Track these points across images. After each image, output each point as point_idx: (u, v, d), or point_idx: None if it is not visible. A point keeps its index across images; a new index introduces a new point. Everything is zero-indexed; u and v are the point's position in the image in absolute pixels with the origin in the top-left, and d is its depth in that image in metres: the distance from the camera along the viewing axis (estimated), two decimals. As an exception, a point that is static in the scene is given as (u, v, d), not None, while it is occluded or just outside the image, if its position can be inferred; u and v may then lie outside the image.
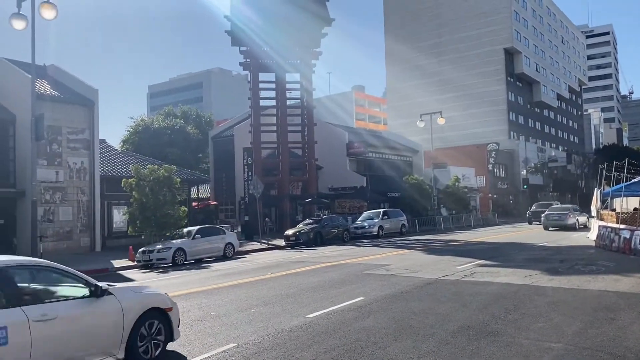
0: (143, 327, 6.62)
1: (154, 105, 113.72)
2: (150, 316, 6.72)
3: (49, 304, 5.69)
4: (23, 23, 17.89)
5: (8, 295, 5.39)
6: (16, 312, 5.30)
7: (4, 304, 5.30)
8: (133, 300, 6.62)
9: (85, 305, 6.05)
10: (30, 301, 5.57)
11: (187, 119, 60.59)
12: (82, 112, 27.46)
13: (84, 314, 5.98)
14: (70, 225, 26.66)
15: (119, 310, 6.34)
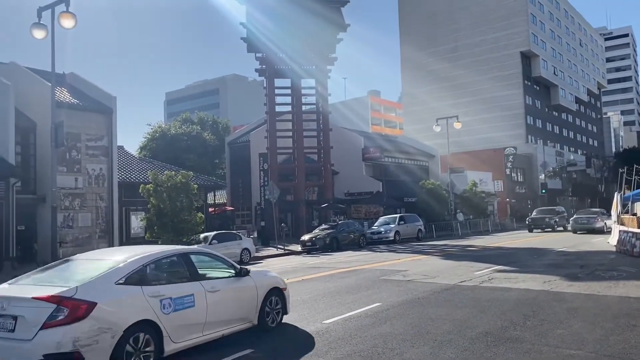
0: (268, 301, 8.51)
1: (171, 112, 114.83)
2: (273, 293, 8.66)
3: (214, 280, 7.69)
4: (43, 32, 18.24)
5: (191, 273, 7.41)
6: (197, 284, 7.30)
7: (189, 278, 7.33)
8: (263, 280, 8.63)
9: (234, 282, 8.00)
10: (203, 277, 7.55)
11: (204, 125, 61.08)
12: (100, 119, 27.85)
13: (234, 289, 7.94)
14: (89, 231, 27.00)
15: (254, 287, 8.28)
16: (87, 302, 5.90)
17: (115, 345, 5.99)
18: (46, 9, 18.39)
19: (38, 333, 5.69)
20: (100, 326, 5.90)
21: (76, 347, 5.68)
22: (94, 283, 6.27)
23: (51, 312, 5.75)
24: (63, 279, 6.60)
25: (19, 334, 5.80)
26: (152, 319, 6.45)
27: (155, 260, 7.17)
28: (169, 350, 6.67)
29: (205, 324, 7.21)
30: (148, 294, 6.55)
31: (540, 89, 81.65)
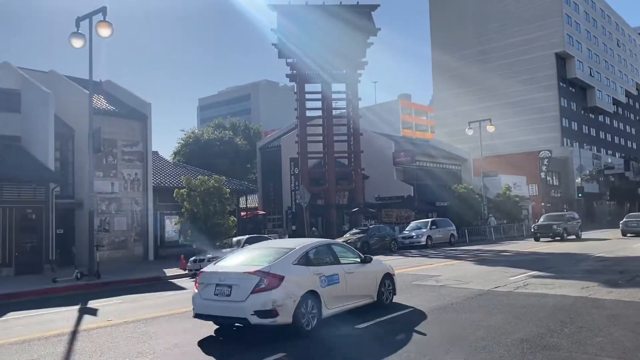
0: (383, 283, 10.76)
1: (204, 118, 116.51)
2: (386, 277, 10.91)
3: (348, 265, 9.98)
4: (81, 41, 18.83)
5: (335, 258, 9.81)
6: (339, 267, 9.65)
7: (333, 262, 9.69)
8: (379, 267, 10.97)
9: (361, 267, 10.29)
10: (341, 262, 9.84)
11: (236, 131, 61.75)
12: (136, 126, 28.48)
13: (362, 272, 10.20)
14: (125, 234, 27.59)
15: (374, 272, 10.65)
16: (279, 276, 8.27)
17: (295, 307, 8.22)
18: (84, 18, 18.99)
19: (249, 296, 8.11)
20: (286, 293, 8.18)
21: (274, 306, 8.00)
22: (280, 263, 8.65)
23: (257, 282, 8.16)
24: (256, 260, 8.95)
25: (234, 297, 8.24)
26: (316, 290, 8.74)
27: (313, 248, 9.57)
28: (325, 314, 8.88)
29: (345, 297, 9.57)
30: (312, 272, 8.93)
31: (575, 91, 79.73)
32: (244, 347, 7.99)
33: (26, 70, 27.94)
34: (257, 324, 8.07)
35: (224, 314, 8.38)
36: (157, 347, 8.06)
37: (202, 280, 8.81)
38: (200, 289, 8.76)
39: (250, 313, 8.01)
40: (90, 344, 8.50)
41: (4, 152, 22.85)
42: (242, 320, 8.17)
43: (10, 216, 21.59)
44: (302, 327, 8.30)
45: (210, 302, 8.46)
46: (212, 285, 8.55)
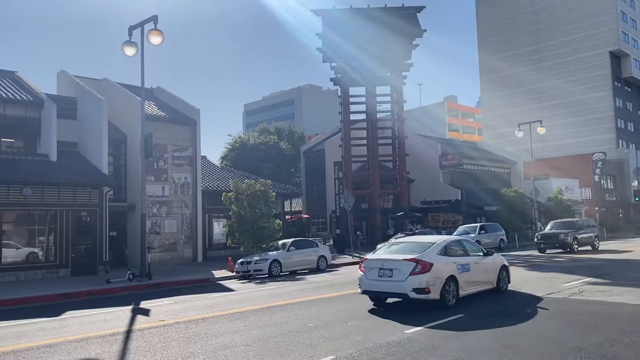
0: (500, 273, 12.94)
1: (249, 123, 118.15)
2: (503, 269, 13.11)
3: (474, 257, 12.32)
4: (134, 49, 19.45)
5: (465, 251, 12.22)
6: (469, 258, 12.08)
7: (464, 254, 12.09)
8: (497, 260, 13.10)
9: (484, 259, 12.58)
10: (469, 254, 12.24)
11: (280, 135, 62.32)
12: (185, 131, 29.19)
13: (485, 263, 12.52)
14: (175, 237, 28.28)
15: (494, 263, 12.88)
16: (429, 263, 10.89)
17: (441, 287, 10.86)
18: (136, 27, 19.62)
19: (408, 278, 10.81)
20: (435, 276, 10.79)
21: (427, 285, 10.65)
22: (428, 253, 11.21)
23: (413, 267, 10.81)
24: (408, 251, 11.58)
25: (395, 278, 10.99)
26: (454, 274, 11.26)
27: (449, 242, 12.10)
28: (461, 294, 11.38)
29: (474, 282, 11.93)
30: (451, 261, 11.42)
31: (632, 91, 76.38)
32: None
33: (81, 78, 29.11)
34: (414, 299, 10.85)
35: (387, 290, 11.22)
36: (208, 347, 8.21)
37: (367, 265, 11.60)
38: (366, 272, 11.53)
39: (409, 290, 10.77)
40: (144, 343, 8.74)
41: (61, 157, 23.85)
42: (403, 295, 10.97)
43: (66, 219, 22.50)
44: (446, 302, 10.98)
45: (375, 281, 11.30)
46: (376, 269, 11.31)
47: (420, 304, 11.07)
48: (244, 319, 10.74)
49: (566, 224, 29.51)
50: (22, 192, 21.23)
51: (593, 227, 30.70)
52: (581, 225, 29.78)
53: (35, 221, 22.26)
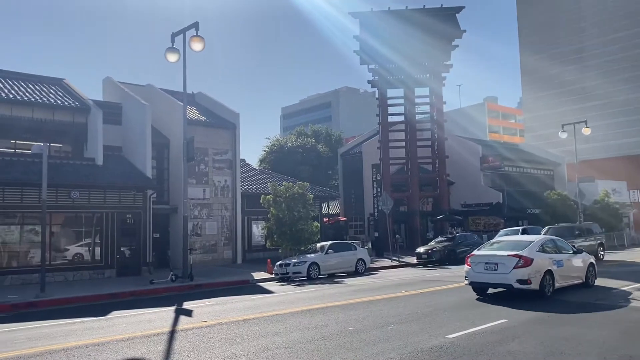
0: (588, 270, 14.36)
1: (287, 126, 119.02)
2: (590, 265, 14.51)
3: (565, 254, 13.87)
4: (176, 56, 19.89)
5: (558, 249, 13.88)
6: (562, 255, 13.73)
7: (557, 251, 13.74)
8: (586, 257, 14.60)
9: (573, 256, 14.11)
10: (561, 252, 13.86)
11: (318, 138, 62.46)
12: (225, 135, 29.66)
13: (574, 260, 14.06)
14: (215, 238, 28.75)
15: (583, 260, 14.36)
16: (530, 258, 12.52)
17: (540, 279, 12.52)
18: (178, 34, 20.06)
19: (512, 270, 12.48)
20: (535, 270, 12.45)
21: (529, 277, 12.33)
22: (528, 250, 12.86)
23: (517, 262, 12.50)
24: (510, 248, 13.28)
25: (500, 271, 12.72)
26: (551, 269, 12.87)
27: (545, 241, 13.69)
28: (556, 286, 12.96)
29: (566, 276, 13.47)
30: (547, 257, 13.04)
31: (684, 88, 73.16)
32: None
33: (126, 84, 29.96)
34: (518, 289, 12.49)
35: (493, 281, 12.99)
36: (249, 349, 8.30)
37: (473, 260, 13.39)
38: (472, 266, 13.34)
39: (514, 281, 12.43)
40: (187, 343, 8.91)
41: (107, 161, 24.59)
42: (508, 285, 12.66)
43: (112, 221, 23.19)
44: (544, 292, 12.59)
45: (481, 274, 13.07)
46: (482, 263, 13.10)
47: (465, 306, 11.03)
48: (284, 321, 10.81)
49: (561, 230, 24.99)
50: (70, 195, 22.00)
51: (597, 234, 26.44)
52: (581, 231, 25.54)
53: (82, 223, 23.01)
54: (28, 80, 26.76)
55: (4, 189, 20.71)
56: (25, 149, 23.58)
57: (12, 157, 22.69)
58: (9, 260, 20.97)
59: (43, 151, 17.40)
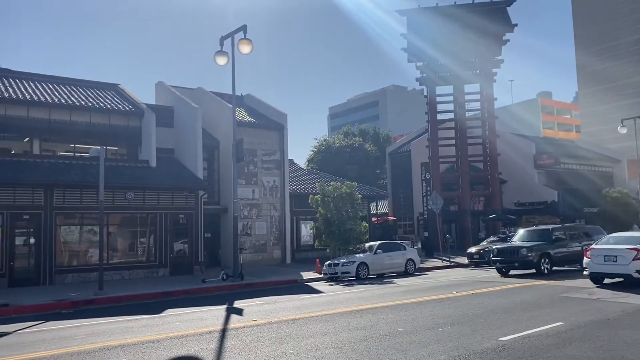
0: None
1: (334, 126, 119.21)
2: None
3: None
4: (225, 59, 20.27)
5: None
6: None
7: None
8: None
9: None
10: None
11: (365, 137, 62.26)
12: (273, 136, 30.00)
13: None
14: (265, 238, 29.11)
15: None
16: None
17: None
18: (227, 37, 20.43)
19: (631, 262, 14.08)
20: None
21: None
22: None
23: (635, 254, 14.06)
24: (627, 242, 14.82)
25: (619, 262, 14.34)
26: None
27: None
28: None
29: None
30: None
31: None
32: (383, 354, 7.97)
33: (177, 88, 30.79)
34: (637, 278, 14.03)
35: (612, 272, 14.64)
36: (299, 348, 8.34)
37: (593, 253, 14.98)
38: (592, 258, 14.93)
39: (633, 271, 14.04)
40: (238, 342, 9.04)
41: (160, 163, 25.34)
42: (626, 275, 14.28)
43: (165, 221, 23.89)
44: None
45: (601, 265, 14.73)
46: (601, 256, 14.72)
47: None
48: (333, 321, 10.80)
49: (544, 233, 20.69)
50: (126, 196, 22.80)
51: (589, 238, 20.93)
52: (569, 234, 20.96)
53: (137, 223, 23.81)
54: (85, 86, 27.92)
55: (64, 191, 21.68)
56: (83, 152, 24.62)
57: (71, 160, 23.73)
58: (70, 259, 21.95)
59: (100, 154, 18.10)
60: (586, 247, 17.37)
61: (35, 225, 21.08)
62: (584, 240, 20.69)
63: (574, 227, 23.27)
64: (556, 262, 19.81)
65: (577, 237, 21.13)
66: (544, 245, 19.78)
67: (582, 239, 20.97)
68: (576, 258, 19.71)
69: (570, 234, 21.15)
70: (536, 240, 20.18)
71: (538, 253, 19.32)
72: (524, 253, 19.25)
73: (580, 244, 20.25)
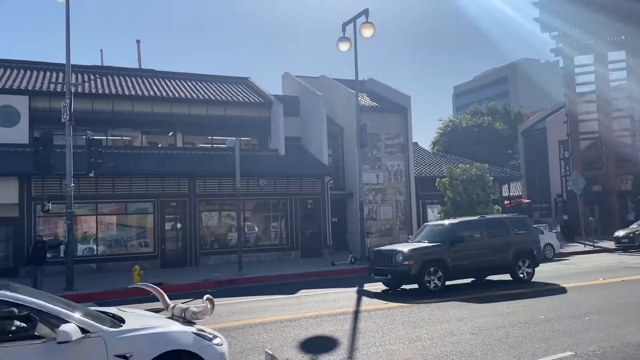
0: None
1: (459, 105, 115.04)
2: None
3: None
4: (347, 45, 20.42)
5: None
6: None
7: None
8: None
9: None
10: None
11: (494, 115, 59.28)
12: (397, 119, 29.67)
13: None
14: (390, 223, 29.05)
15: None
16: None
17: None
18: (349, 23, 20.55)
19: None
20: None
21: None
22: None
23: None
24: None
25: None
26: None
27: None
28: None
29: None
30: None
31: None
32: (523, 342, 7.58)
33: (302, 77, 31.63)
34: None
35: None
36: (434, 333, 8.23)
37: None
38: None
39: None
40: (371, 324, 9.17)
41: (288, 151, 26.34)
42: None
43: (294, 206, 24.91)
44: None
45: None
46: None
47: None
48: (467, 307, 10.52)
49: (447, 230, 14.21)
50: (259, 183, 24.09)
51: (521, 232, 14.87)
52: (488, 231, 14.45)
53: (270, 209, 25.07)
54: (219, 82, 29.83)
55: (205, 180, 23.47)
56: (219, 143, 26.38)
57: (210, 151, 25.54)
58: (212, 243, 23.78)
59: (235, 145, 19.26)
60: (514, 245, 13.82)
61: (181, 212, 23.11)
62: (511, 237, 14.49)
63: (497, 220, 15.44)
64: (454, 273, 13.44)
65: (500, 235, 14.48)
66: (435, 248, 13.50)
67: (509, 236, 14.48)
68: (493, 265, 13.97)
69: (489, 232, 14.37)
70: (435, 241, 13.85)
71: (420, 260, 12.92)
72: (399, 260, 13.03)
73: (506, 243, 14.27)
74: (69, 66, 17.11)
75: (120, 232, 22.71)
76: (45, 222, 21.16)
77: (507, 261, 14.03)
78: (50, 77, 25.55)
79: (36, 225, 20.74)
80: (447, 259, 13.16)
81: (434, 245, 13.60)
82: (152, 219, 22.63)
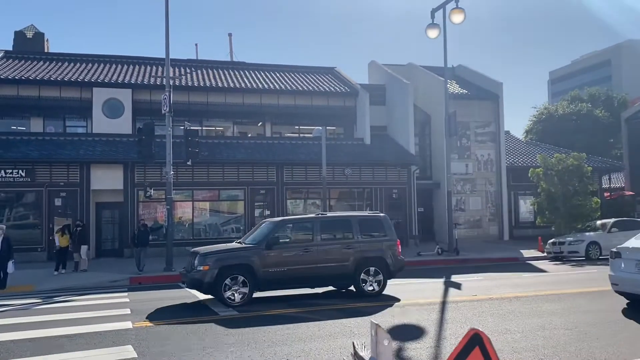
0: None
1: (555, 92, 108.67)
2: None
3: None
4: (436, 31, 20.00)
5: None
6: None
7: None
8: None
9: None
10: None
11: (595, 102, 55.43)
12: (487, 106, 28.68)
13: None
14: (480, 214, 28.24)
15: None
16: None
17: None
18: (438, 9, 20.11)
19: None
20: None
21: None
22: None
23: None
24: None
25: None
26: None
27: None
28: None
29: None
30: None
31: None
32: (623, 341, 7.18)
33: (389, 65, 31.37)
34: None
35: None
36: (524, 326, 8.00)
37: None
38: None
39: None
40: (459, 315, 9.06)
41: (374, 140, 26.31)
42: None
43: (380, 195, 24.93)
44: None
45: None
46: None
47: None
48: (560, 302, 10.09)
49: (266, 229, 11.63)
50: (344, 172, 24.31)
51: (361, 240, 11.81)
52: (322, 231, 11.59)
53: (355, 197, 25.27)
54: (306, 72, 30.30)
55: (292, 168, 24.07)
56: (305, 133, 26.86)
57: (297, 140, 26.12)
58: (298, 230, 24.36)
59: (322, 134, 19.60)
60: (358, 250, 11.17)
61: (269, 199, 23.90)
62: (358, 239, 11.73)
63: (338, 220, 12.49)
64: (267, 283, 10.84)
65: (341, 238, 11.76)
66: (242, 251, 11.05)
67: (352, 239, 11.69)
68: (328, 274, 11.35)
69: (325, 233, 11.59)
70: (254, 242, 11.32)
71: (217, 266, 10.48)
72: (195, 264, 10.77)
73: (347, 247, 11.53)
74: (168, 61, 18.19)
75: (213, 217, 23.92)
76: (145, 207, 22.74)
77: (347, 270, 11.32)
78: (151, 71, 27.25)
79: (138, 210, 22.34)
80: (257, 265, 10.57)
81: (242, 248, 11.13)
82: (243, 206, 23.61)
